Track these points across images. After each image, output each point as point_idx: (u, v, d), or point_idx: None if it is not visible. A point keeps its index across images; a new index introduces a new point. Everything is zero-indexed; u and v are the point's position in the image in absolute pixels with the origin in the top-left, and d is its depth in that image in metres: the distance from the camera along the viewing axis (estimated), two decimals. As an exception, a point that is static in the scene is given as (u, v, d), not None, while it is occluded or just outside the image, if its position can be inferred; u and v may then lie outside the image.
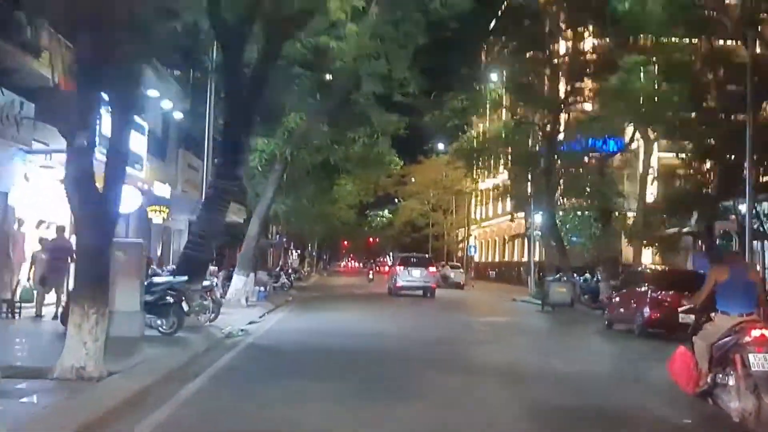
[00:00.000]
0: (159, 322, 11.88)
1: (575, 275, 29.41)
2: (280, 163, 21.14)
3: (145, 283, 11.84)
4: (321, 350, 11.99)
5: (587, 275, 29.91)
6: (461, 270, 45.94)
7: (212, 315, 14.14)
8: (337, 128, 22.78)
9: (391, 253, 74.81)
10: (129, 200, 18.85)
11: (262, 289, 24.03)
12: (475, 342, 14.53)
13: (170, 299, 11.92)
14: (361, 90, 20.88)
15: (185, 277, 12.44)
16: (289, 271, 42.00)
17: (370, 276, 48.61)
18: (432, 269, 32.37)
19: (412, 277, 30.87)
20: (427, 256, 36.23)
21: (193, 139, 24.13)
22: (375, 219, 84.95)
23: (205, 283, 14.16)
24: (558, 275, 29.45)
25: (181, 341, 11.48)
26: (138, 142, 19.27)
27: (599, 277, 27.83)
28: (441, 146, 62.07)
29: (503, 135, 32.89)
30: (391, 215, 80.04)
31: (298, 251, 59.81)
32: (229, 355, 10.80)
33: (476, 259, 63.77)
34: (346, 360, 10.94)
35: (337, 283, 49.08)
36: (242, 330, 13.76)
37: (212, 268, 25.10)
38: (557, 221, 32.93)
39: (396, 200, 70.82)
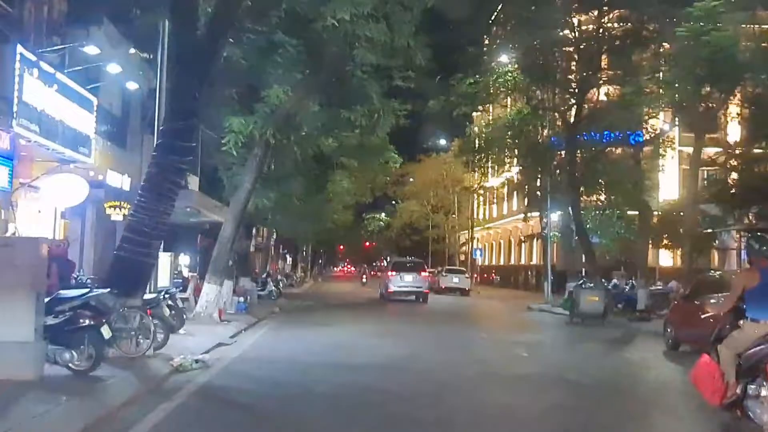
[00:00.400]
0: (68, 355, 8.17)
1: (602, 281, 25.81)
2: (261, 148, 17.46)
3: (48, 300, 8.18)
4: (298, 399, 8.20)
5: (615, 281, 26.32)
6: (466, 275, 42.17)
7: (160, 339, 10.46)
8: (329, 108, 19.18)
9: (388, 257, 71.47)
10: (71, 191, 15.42)
11: (241, 299, 20.35)
12: (518, 380, 10.37)
13: (85, 322, 8.24)
14: (358, 60, 17.25)
15: (106, 290, 8.76)
16: (279, 277, 38.40)
17: (364, 280, 50.77)
18: (424, 274, 31.39)
19: (404, 281, 30.08)
20: (418, 260, 34.13)
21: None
22: (371, 222, 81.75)
23: (148, 296, 10.48)
24: (581, 281, 25.95)
25: (96, 385, 7.80)
26: (84, 120, 15.63)
27: (634, 283, 24.24)
28: (443, 142, 58.95)
29: (516, 123, 29.38)
30: (387, 218, 76.56)
31: (290, 255, 56.10)
32: (158, 411, 7.02)
33: (479, 262, 60.15)
34: (331, 419, 7.28)
35: (331, 289, 45.63)
36: (198, 361, 10.06)
37: (191, 274, 21.60)
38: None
39: (393, 202, 67.15)
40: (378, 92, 18.48)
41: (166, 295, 12.08)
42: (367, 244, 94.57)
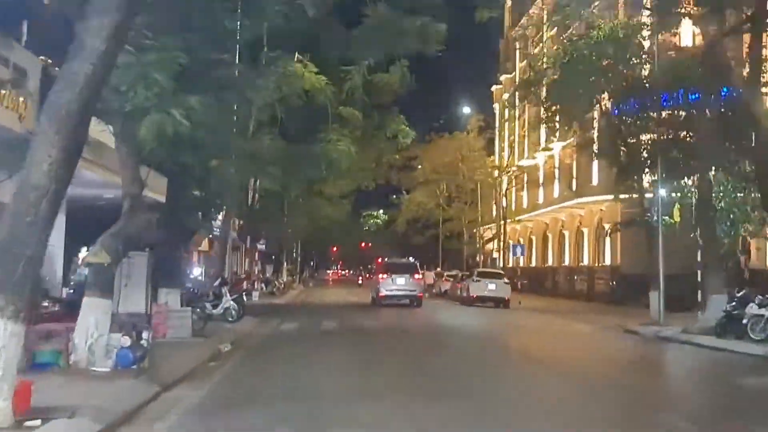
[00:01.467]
0: None
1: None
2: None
3: None
4: None
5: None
6: (505, 280, 31.06)
7: None
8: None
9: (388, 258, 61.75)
10: None
11: (125, 342, 9.29)
12: None
13: None
14: None
15: None
16: (248, 285, 27.46)
17: (360, 281, 54.10)
18: (418, 276, 29.31)
19: (396, 285, 28.27)
20: (412, 261, 31.35)
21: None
22: (369, 220, 72.24)
23: None
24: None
25: None
26: None
27: None
28: (466, 110, 48.50)
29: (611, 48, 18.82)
30: (387, 215, 66.50)
31: (272, 256, 45.07)
32: None
33: (504, 264, 49.19)
34: None
35: (322, 298, 35.48)
36: None
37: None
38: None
39: (395, 196, 56.50)
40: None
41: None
42: (363, 244, 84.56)
